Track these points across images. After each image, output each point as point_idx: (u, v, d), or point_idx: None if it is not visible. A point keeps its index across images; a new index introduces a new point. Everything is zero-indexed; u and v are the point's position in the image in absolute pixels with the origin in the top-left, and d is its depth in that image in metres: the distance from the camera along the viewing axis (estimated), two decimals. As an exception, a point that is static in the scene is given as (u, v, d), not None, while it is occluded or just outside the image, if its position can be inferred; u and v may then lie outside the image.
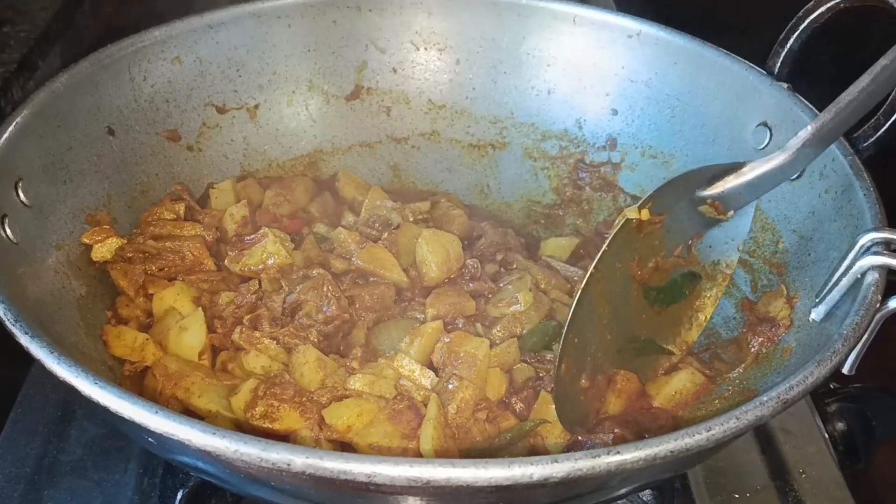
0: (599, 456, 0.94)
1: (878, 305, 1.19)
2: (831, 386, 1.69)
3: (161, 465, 1.50)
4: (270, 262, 1.60)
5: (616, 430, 1.34)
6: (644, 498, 1.46)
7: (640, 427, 1.37)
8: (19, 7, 1.86)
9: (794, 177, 1.51)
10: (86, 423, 1.58)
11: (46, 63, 1.80)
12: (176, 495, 1.46)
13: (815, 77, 1.61)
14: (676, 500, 1.46)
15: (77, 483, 1.49)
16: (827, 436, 1.60)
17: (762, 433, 1.60)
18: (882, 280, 1.22)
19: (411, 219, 1.76)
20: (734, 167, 1.49)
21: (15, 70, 1.68)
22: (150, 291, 1.57)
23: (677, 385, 1.45)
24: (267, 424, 1.35)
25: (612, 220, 1.82)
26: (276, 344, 1.49)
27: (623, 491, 1.25)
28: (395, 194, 1.86)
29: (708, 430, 0.99)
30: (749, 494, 1.50)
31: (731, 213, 1.53)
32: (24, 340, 1.11)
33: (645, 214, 1.45)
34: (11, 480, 1.48)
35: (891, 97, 1.43)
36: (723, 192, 1.50)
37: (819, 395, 1.67)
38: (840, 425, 1.64)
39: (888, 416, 1.66)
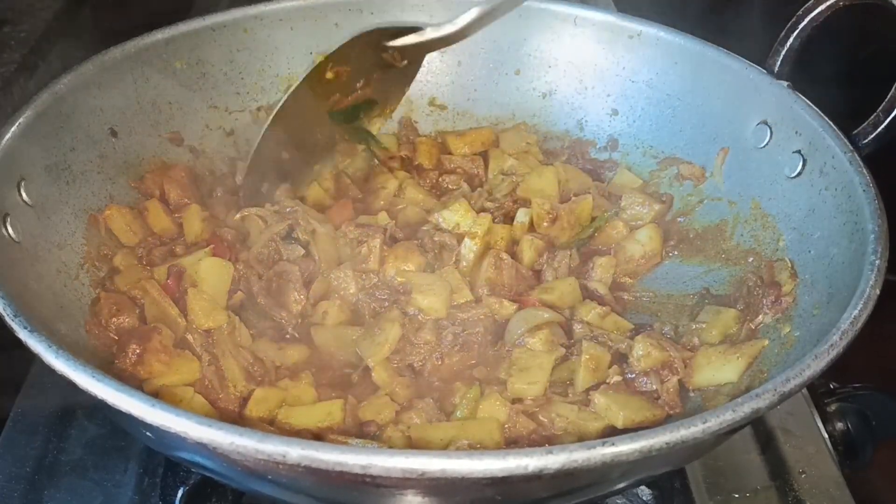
0: (595, 447, 0.94)
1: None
2: (831, 386, 1.68)
3: (161, 464, 1.49)
4: None
5: None
6: (644, 497, 1.45)
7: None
8: (19, 7, 1.87)
9: (792, 173, 1.54)
10: (86, 423, 1.58)
11: (47, 63, 1.81)
12: (176, 494, 1.45)
13: (815, 75, 1.62)
14: (676, 500, 1.46)
15: (77, 483, 1.48)
16: (827, 436, 1.59)
17: (762, 432, 1.59)
18: (881, 277, 1.22)
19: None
20: (415, 29, 1.74)
21: (15, 70, 1.68)
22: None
23: None
24: None
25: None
26: None
27: (622, 485, 1.25)
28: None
29: (704, 422, 0.99)
30: (749, 494, 1.50)
31: (405, 62, 1.78)
32: (23, 335, 1.11)
33: (330, 74, 1.74)
34: (11, 480, 1.48)
35: (890, 95, 1.43)
36: (404, 45, 1.75)
37: (819, 395, 1.66)
38: (840, 425, 1.63)
39: (888, 416, 1.65)
